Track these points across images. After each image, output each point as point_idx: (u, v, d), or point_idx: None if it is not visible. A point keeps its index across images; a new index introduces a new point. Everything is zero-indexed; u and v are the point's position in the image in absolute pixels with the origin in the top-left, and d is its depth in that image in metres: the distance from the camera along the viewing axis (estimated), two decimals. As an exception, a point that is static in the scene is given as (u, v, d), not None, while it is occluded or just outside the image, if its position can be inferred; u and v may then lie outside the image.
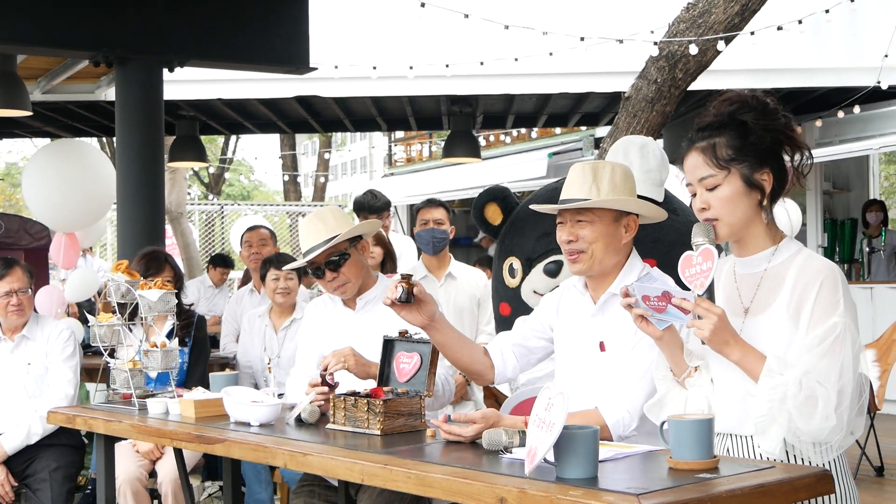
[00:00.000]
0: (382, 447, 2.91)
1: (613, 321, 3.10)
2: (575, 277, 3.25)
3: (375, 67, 8.57)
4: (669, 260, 2.61)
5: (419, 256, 5.82)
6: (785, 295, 2.50)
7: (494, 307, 4.81)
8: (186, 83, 9.13)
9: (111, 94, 8.62)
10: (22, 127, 11.36)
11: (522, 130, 16.47)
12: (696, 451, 2.36)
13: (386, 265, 5.21)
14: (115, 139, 7.56)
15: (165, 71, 6.87)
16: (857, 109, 9.88)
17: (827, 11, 7.23)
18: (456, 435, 2.87)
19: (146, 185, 6.79)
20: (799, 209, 8.09)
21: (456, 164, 12.26)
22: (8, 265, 4.81)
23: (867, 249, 10.85)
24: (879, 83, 8.92)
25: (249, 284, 6.89)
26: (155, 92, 6.84)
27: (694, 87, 6.76)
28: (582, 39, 7.45)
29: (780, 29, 7.05)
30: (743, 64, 9.32)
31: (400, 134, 22.09)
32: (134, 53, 6.68)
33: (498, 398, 5.49)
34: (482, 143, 15.00)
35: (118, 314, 3.96)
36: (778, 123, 2.58)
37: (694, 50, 6.16)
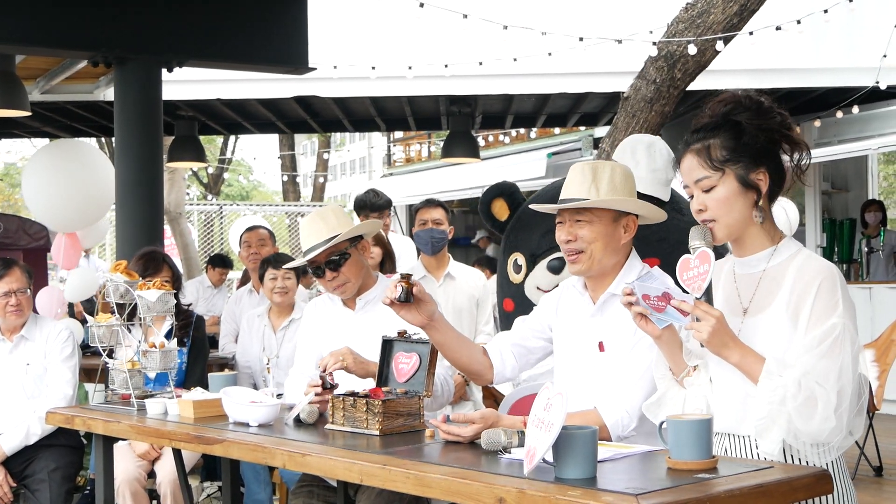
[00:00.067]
0: (381, 447, 2.91)
1: (613, 321, 3.10)
2: (574, 277, 3.25)
3: (374, 67, 8.57)
4: (674, 259, 2.62)
5: (418, 256, 5.82)
6: (784, 295, 2.51)
7: (498, 302, 4.82)
8: (185, 83, 9.13)
9: (110, 94, 8.61)
10: (20, 127, 11.36)
11: (521, 130, 16.47)
12: (694, 451, 2.36)
13: (385, 265, 5.21)
14: (113, 139, 7.55)
15: (164, 71, 6.86)
16: (855, 109, 9.88)
17: (825, 11, 7.22)
18: (455, 435, 2.86)
19: (145, 185, 6.78)
20: (796, 208, 8.10)
21: (455, 164, 12.26)
22: (7, 265, 4.80)
23: (866, 249, 10.84)
24: (878, 83, 8.92)
25: (248, 285, 6.88)
26: (154, 92, 6.84)
27: (693, 87, 6.76)
28: (581, 39, 7.45)
29: (778, 29, 7.05)
30: (742, 64, 9.32)
31: (399, 134, 22.11)
32: (133, 53, 6.67)
33: (497, 398, 5.49)
34: (481, 143, 15.01)
35: (117, 314, 3.96)
36: (773, 122, 2.58)
37: (693, 50, 6.16)
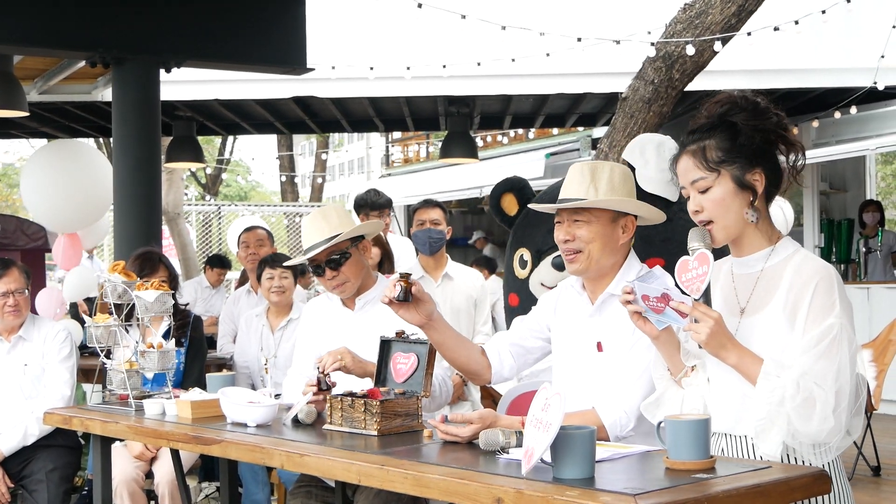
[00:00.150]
0: (379, 448, 2.91)
1: (611, 321, 3.10)
2: (573, 277, 3.25)
3: (372, 68, 8.57)
4: (679, 260, 2.62)
5: (416, 256, 5.81)
6: (781, 295, 2.51)
7: (504, 297, 4.83)
8: (183, 84, 9.13)
9: (108, 94, 8.61)
10: (18, 127, 11.35)
11: (520, 131, 16.49)
12: (692, 451, 2.36)
13: (384, 265, 5.21)
14: (111, 140, 7.55)
15: (162, 71, 6.86)
16: (853, 110, 9.89)
17: (823, 12, 7.23)
18: (453, 435, 2.86)
19: (143, 185, 6.78)
20: (791, 206, 8.11)
21: (453, 164, 12.26)
22: (4, 266, 4.80)
23: (864, 250, 10.85)
24: (876, 84, 8.92)
25: (246, 285, 6.88)
26: (152, 92, 6.83)
27: (691, 87, 6.75)
28: (579, 40, 7.45)
29: (776, 30, 7.05)
30: (740, 65, 9.32)
31: (397, 134, 22.12)
32: (131, 54, 6.67)
33: (495, 398, 5.49)
34: (479, 143, 15.03)
35: (114, 315, 3.96)
36: (769, 123, 2.58)
37: (691, 50, 6.16)
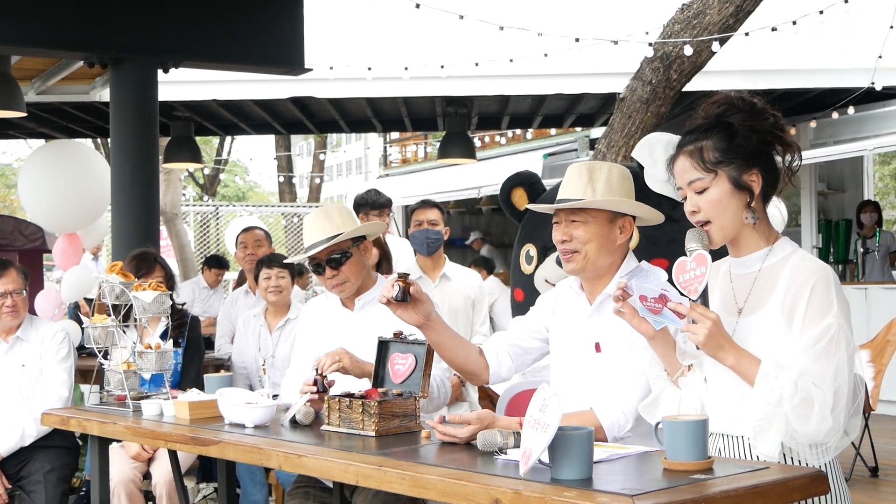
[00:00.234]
0: (377, 448, 2.90)
1: (609, 322, 3.09)
2: (571, 278, 3.25)
3: (370, 68, 8.57)
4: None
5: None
6: (778, 296, 2.51)
7: (511, 292, 4.84)
8: (181, 84, 9.12)
9: (106, 95, 8.60)
10: (16, 128, 11.34)
11: (518, 131, 16.48)
12: (690, 451, 2.36)
13: (382, 266, 5.21)
14: (109, 140, 7.54)
15: (160, 72, 6.86)
16: (851, 110, 9.90)
17: (821, 13, 7.24)
18: (451, 436, 2.86)
19: (141, 186, 6.77)
20: (784, 204, 8.12)
21: (451, 165, 12.26)
22: (2, 267, 4.79)
23: (861, 250, 10.86)
24: (873, 84, 8.94)
25: (244, 286, 6.87)
26: (149, 93, 6.83)
27: (689, 88, 6.76)
28: (577, 40, 7.45)
29: (774, 30, 7.06)
30: (737, 65, 9.32)
31: (395, 135, 22.11)
32: (128, 54, 6.66)
33: (493, 399, 5.49)
34: (477, 143, 15.01)
35: (112, 316, 3.96)
36: (766, 124, 2.58)
37: (689, 51, 6.17)
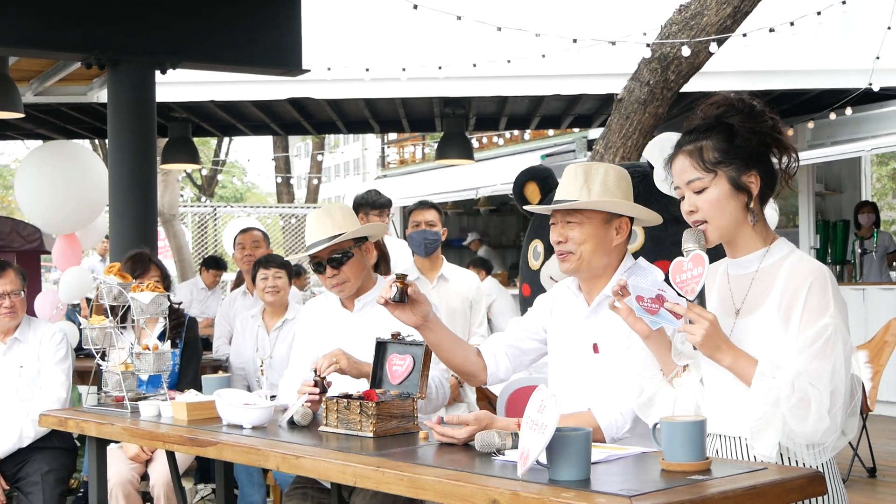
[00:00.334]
0: (375, 449, 2.90)
1: (607, 323, 3.10)
2: (569, 279, 3.26)
3: (368, 69, 8.57)
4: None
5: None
6: (775, 296, 2.51)
7: (519, 286, 4.86)
8: (179, 85, 9.12)
9: (103, 95, 8.59)
10: (14, 129, 11.33)
11: (515, 132, 16.48)
12: (688, 452, 2.36)
13: (380, 267, 5.21)
14: (107, 141, 7.54)
15: (158, 73, 6.86)
16: (848, 111, 9.90)
17: (819, 13, 7.25)
18: (449, 437, 2.86)
19: (138, 187, 6.77)
20: (775, 203, 8.13)
21: (449, 165, 12.26)
22: (0, 267, 4.79)
23: (859, 251, 10.86)
24: (871, 85, 8.94)
25: (242, 286, 6.86)
26: (147, 94, 6.82)
27: (686, 88, 6.77)
28: (574, 41, 7.46)
29: (772, 31, 7.06)
30: (735, 66, 9.33)
31: (393, 136, 22.09)
32: (126, 55, 6.66)
33: (491, 400, 5.49)
34: (475, 144, 15.00)
35: (110, 317, 3.95)
36: (765, 126, 2.58)
37: (686, 52, 6.17)
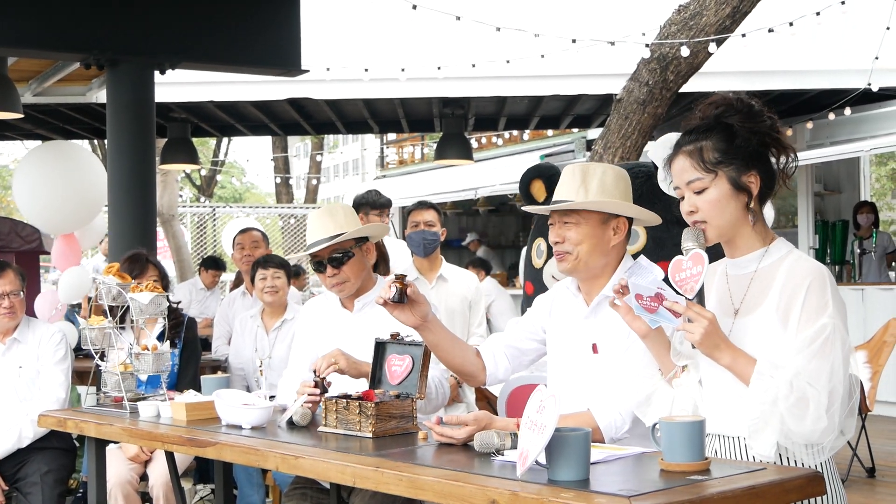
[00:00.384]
0: (374, 450, 2.90)
1: (606, 323, 3.10)
2: (568, 279, 3.26)
3: (367, 69, 8.57)
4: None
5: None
6: (774, 296, 2.51)
7: (523, 283, 4.86)
8: (178, 85, 9.12)
9: (102, 96, 8.60)
10: (13, 129, 11.33)
11: (514, 132, 16.48)
12: (687, 453, 2.36)
13: (379, 267, 5.21)
14: (106, 142, 7.54)
15: (157, 73, 6.85)
16: (848, 111, 9.91)
17: (818, 14, 7.25)
18: (448, 437, 2.86)
19: (137, 187, 6.76)
20: (770, 202, 8.15)
21: (448, 166, 12.26)
22: (0, 268, 4.79)
23: (858, 251, 10.86)
24: (870, 85, 8.95)
25: (241, 287, 6.86)
26: (146, 94, 6.82)
27: (685, 89, 6.78)
28: (573, 41, 7.46)
29: (771, 31, 7.07)
30: (734, 66, 9.34)
31: (392, 136, 22.09)
32: (125, 55, 6.66)
33: (490, 400, 5.49)
34: (474, 144, 15.00)
35: (109, 317, 3.95)
36: (763, 126, 2.58)
37: (685, 52, 6.18)
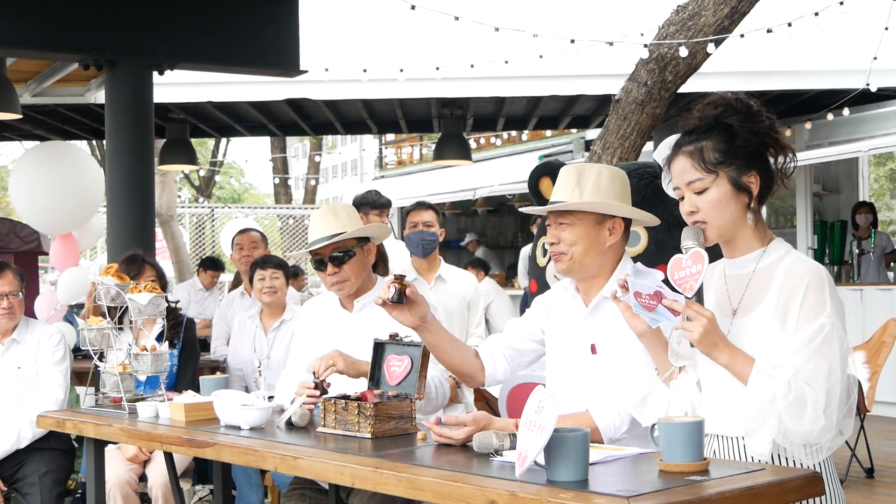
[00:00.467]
0: (373, 450, 2.90)
1: (605, 324, 3.10)
2: (567, 280, 3.26)
3: (366, 70, 8.57)
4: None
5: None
6: (772, 296, 2.51)
7: (528, 282, 4.87)
8: (176, 86, 9.12)
9: (101, 96, 8.60)
10: (11, 130, 11.32)
11: (513, 133, 16.48)
12: (686, 453, 2.36)
13: (378, 268, 5.21)
14: (105, 142, 7.54)
15: (155, 74, 6.85)
16: (846, 111, 9.91)
17: (816, 14, 7.25)
18: (447, 438, 2.86)
19: (136, 188, 6.76)
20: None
21: (447, 166, 12.27)
22: (-2, 268, 4.79)
23: (857, 251, 10.86)
24: (868, 85, 8.95)
25: (240, 287, 6.86)
26: (145, 94, 6.82)
27: (684, 89, 6.78)
28: (572, 42, 7.46)
29: (769, 31, 7.07)
30: (733, 66, 9.34)
31: (390, 137, 22.09)
32: (123, 56, 6.66)
33: (489, 401, 5.49)
34: (473, 145, 15.01)
35: (108, 317, 3.95)
36: (762, 126, 2.58)
37: (684, 52, 6.18)
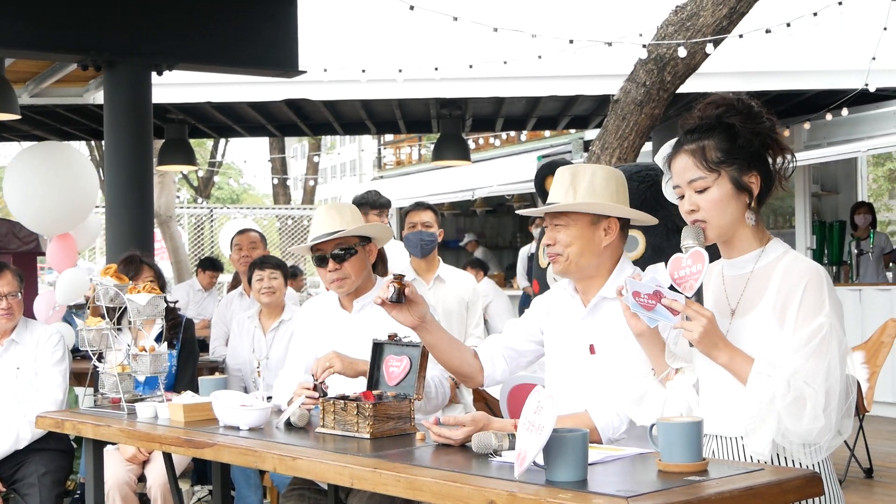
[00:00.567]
0: (372, 451, 2.90)
1: (604, 324, 3.10)
2: (565, 280, 3.26)
3: (364, 70, 8.57)
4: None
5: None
6: (770, 296, 2.51)
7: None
8: (175, 86, 9.12)
9: (100, 97, 8.59)
10: (10, 130, 11.32)
11: (512, 133, 16.48)
12: (685, 453, 2.36)
13: (377, 268, 5.21)
14: (103, 143, 7.54)
15: (154, 74, 6.85)
16: (845, 112, 9.91)
17: (815, 14, 7.25)
18: (445, 438, 2.86)
19: (135, 188, 6.76)
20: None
21: (445, 166, 12.27)
22: (-3, 269, 4.79)
23: (855, 251, 10.86)
24: (867, 85, 8.95)
25: (239, 288, 6.86)
26: (143, 95, 6.82)
27: (682, 89, 6.78)
28: (571, 42, 7.46)
29: (768, 32, 7.07)
30: (731, 66, 9.35)
31: (389, 137, 22.09)
32: (122, 56, 6.66)
33: (488, 401, 5.49)
34: (471, 145, 15.01)
35: (107, 318, 3.95)
36: (763, 126, 2.59)
37: (682, 53, 6.18)
